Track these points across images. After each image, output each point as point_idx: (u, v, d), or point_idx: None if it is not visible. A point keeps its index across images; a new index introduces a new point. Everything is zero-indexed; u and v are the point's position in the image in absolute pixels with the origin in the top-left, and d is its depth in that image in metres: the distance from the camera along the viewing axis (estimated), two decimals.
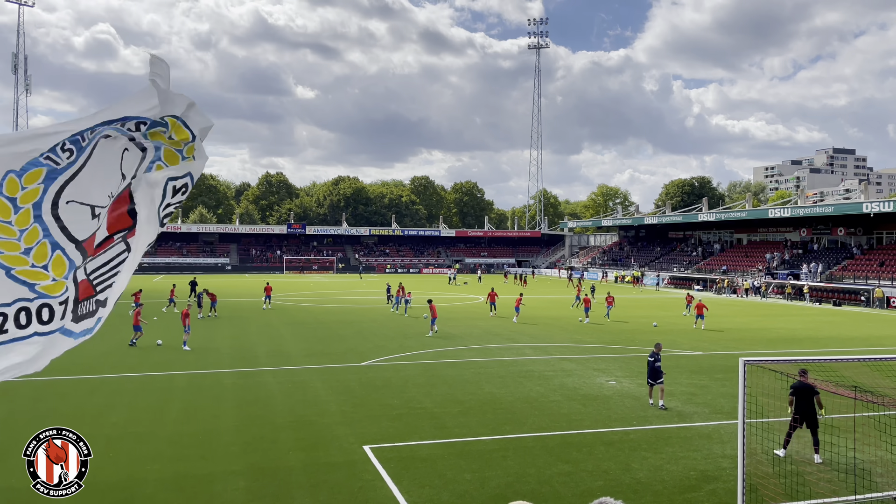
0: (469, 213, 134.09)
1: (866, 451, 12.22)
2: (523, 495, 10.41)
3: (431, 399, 17.10)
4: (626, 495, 10.54)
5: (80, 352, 21.32)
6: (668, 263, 79.31)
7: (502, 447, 13.11)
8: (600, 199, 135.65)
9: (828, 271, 57.10)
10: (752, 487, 10.33)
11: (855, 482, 10.77)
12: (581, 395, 17.82)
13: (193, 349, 24.36)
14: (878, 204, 52.93)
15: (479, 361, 23.04)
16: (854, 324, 37.73)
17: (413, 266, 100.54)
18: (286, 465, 11.87)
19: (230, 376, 19.67)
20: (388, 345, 26.32)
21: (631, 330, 32.76)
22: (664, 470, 11.83)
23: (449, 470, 11.69)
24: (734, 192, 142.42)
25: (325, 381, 19.10)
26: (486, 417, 15.37)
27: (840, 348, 27.51)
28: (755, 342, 28.93)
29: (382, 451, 12.73)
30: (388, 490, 10.72)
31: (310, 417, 15.22)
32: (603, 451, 12.93)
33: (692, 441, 13.65)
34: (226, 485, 10.89)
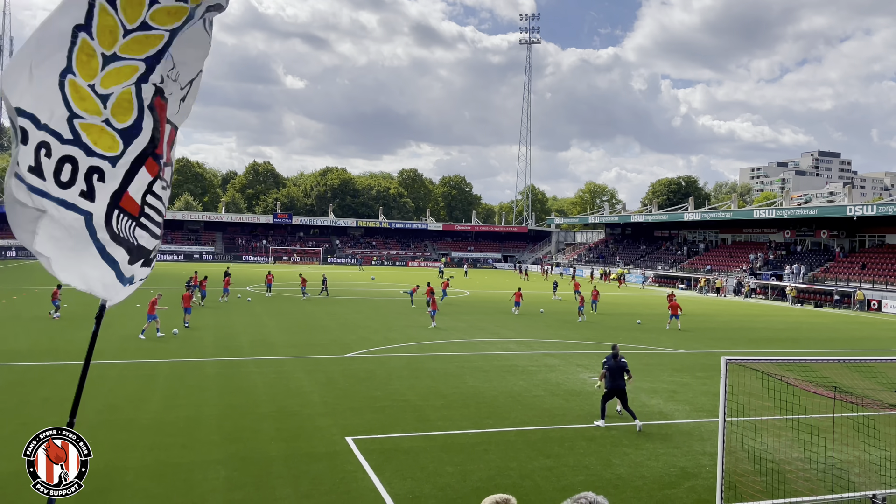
0: (457, 207, 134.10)
1: (844, 451, 12.37)
2: (505, 489, 10.42)
3: (415, 392, 17.09)
4: (606, 490, 10.60)
5: (61, 338, 21.10)
6: (653, 262, 79.78)
7: (484, 441, 13.14)
8: (587, 196, 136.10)
9: (810, 273, 57.68)
10: (732, 485, 10.41)
11: (832, 482, 10.90)
12: (564, 390, 17.88)
13: (178, 338, 24.19)
14: (862, 207, 53.53)
15: (463, 355, 23.05)
16: (835, 325, 38.16)
17: (399, 259, 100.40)
18: (267, 456, 11.81)
19: (213, 365, 19.55)
20: (372, 337, 26.28)
21: (615, 327, 32.93)
22: (644, 466, 11.91)
23: (431, 462, 11.69)
24: (720, 192, 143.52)
25: (309, 372, 19.03)
26: (469, 411, 15.38)
27: (821, 349, 27.81)
28: (737, 341, 29.18)
29: (365, 442, 12.70)
30: (370, 481, 10.71)
31: (292, 408, 15.16)
32: (584, 446, 12.99)
33: (673, 438, 13.75)
34: (206, 474, 10.82)
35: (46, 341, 22.60)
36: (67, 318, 28.33)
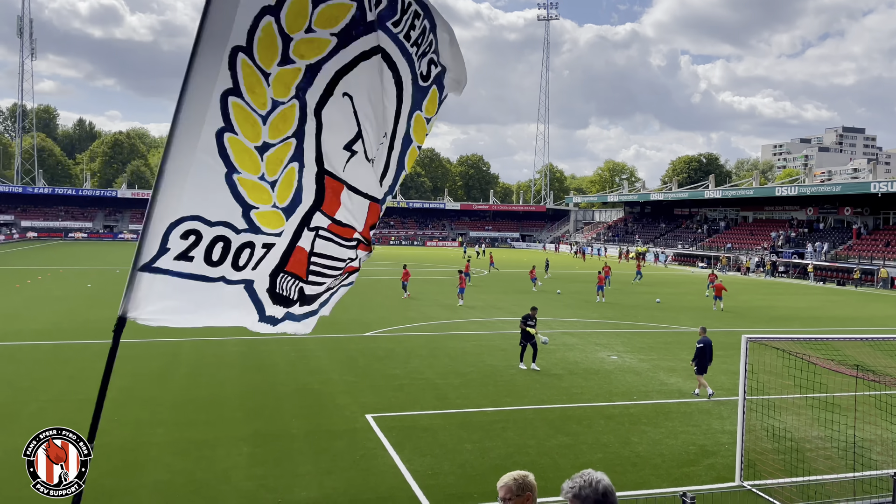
0: (474, 186, 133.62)
1: (866, 429, 12.28)
2: (523, 466, 10.48)
3: (433, 370, 17.20)
4: (624, 468, 10.65)
5: (83, 317, 21.36)
6: (672, 240, 79.11)
7: (503, 419, 13.21)
8: (606, 174, 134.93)
9: (833, 251, 56.91)
10: (751, 462, 10.41)
11: (854, 460, 10.84)
12: (582, 368, 17.90)
13: None
14: (887, 184, 52.54)
15: (481, 334, 23.12)
16: (858, 303, 37.71)
17: (417, 238, 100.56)
18: (289, 433, 11.99)
19: (235, 344, 19.80)
20: (391, 316, 26.43)
21: (633, 305, 32.81)
22: (663, 444, 11.92)
23: (450, 440, 11.79)
24: (741, 169, 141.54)
25: (329, 351, 19.21)
26: (488, 389, 15.46)
27: (843, 327, 27.52)
28: (757, 320, 28.95)
29: (384, 420, 12.84)
30: (390, 458, 10.83)
31: (313, 386, 15.34)
32: (603, 424, 13.02)
33: (692, 416, 13.74)
34: (229, 450, 11.01)
35: (70, 320, 23.01)
36: (92, 295, 28.76)
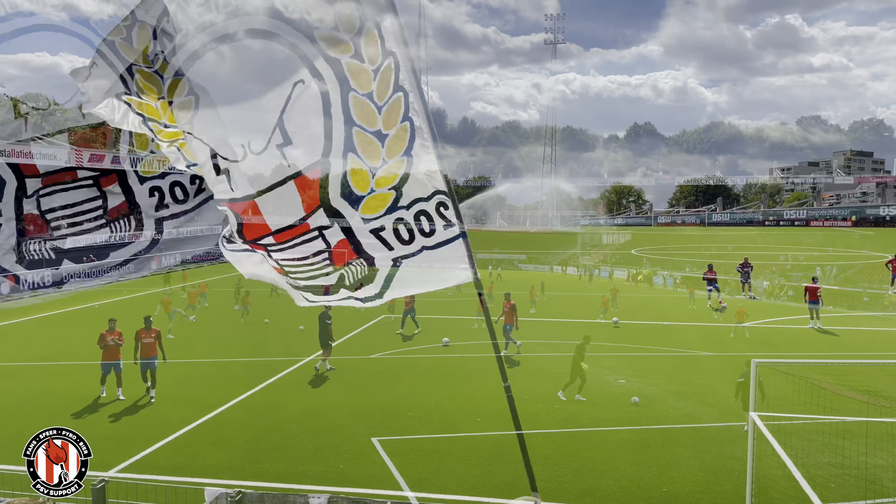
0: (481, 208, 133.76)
1: (879, 456, 12.10)
2: (530, 491, 10.37)
3: (440, 393, 17.09)
4: (633, 494, 10.51)
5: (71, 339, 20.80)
6: (681, 263, 78.79)
7: (510, 442, 13.08)
8: (613, 196, 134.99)
9: (843, 274, 56.52)
10: (762, 489, 10.26)
11: (866, 487, 10.67)
12: (590, 392, 17.75)
13: (201, 338, 24.51)
14: None
15: (488, 357, 22.98)
16: (869, 327, 37.32)
17: None
18: (293, 455, 11.90)
19: (239, 366, 19.75)
20: (397, 339, 26.35)
21: (641, 330, 32.59)
22: (673, 469, 11.77)
23: (457, 464, 11.69)
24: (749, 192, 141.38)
25: (335, 373, 19.13)
26: (495, 413, 15.34)
27: (856, 352, 27.22)
28: (768, 345, 28.68)
29: (390, 443, 12.74)
30: (396, 482, 10.74)
31: (318, 408, 15.26)
32: (612, 449, 12.88)
33: (702, 442, 13.57)
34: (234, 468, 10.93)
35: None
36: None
